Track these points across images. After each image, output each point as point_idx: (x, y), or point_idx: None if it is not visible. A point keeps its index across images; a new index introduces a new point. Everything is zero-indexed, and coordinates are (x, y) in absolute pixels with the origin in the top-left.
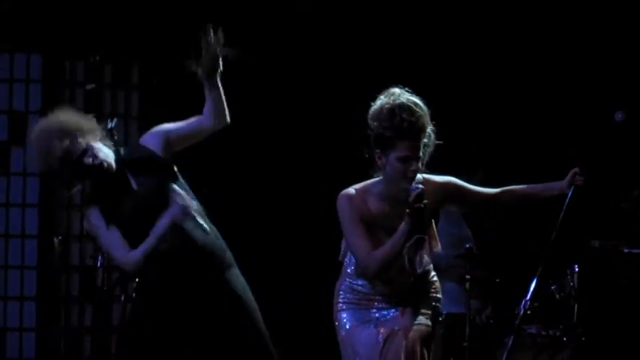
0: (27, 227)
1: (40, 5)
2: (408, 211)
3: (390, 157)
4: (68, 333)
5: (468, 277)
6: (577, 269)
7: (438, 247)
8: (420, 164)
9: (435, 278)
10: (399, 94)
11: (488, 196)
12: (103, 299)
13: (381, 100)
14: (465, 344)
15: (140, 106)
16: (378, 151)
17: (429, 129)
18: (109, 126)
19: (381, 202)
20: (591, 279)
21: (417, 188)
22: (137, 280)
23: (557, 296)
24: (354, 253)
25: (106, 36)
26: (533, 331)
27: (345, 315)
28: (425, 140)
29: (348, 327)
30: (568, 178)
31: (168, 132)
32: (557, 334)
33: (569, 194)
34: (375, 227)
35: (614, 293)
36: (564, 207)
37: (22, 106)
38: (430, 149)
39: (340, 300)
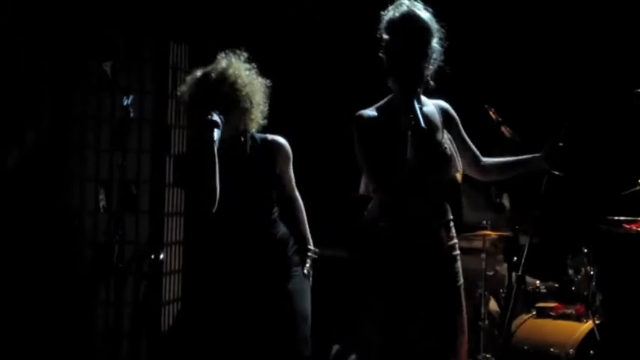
0: None
1: None
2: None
3: None
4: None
5: (483, 256)
6: (592, 250)
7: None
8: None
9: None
10: (406, 6)
11: (475, 152)
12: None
13: (389, 11)
14: (480, 324)
15: (154, 82)
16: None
17: (435, 43)
18: (125, 103)
19: (396, 115)
20: (606, 260)
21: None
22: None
23: (573, 277)
24: (370, 167)
25: (118, 8)
26: (551, 309)
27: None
28: (431, 55)
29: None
30: (543, 152)
31: (287, 174)
32: (573, 313)
33: (545, 180)
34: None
35: (628, 274)
36: (543, 189)
37: None
38: (434, 64)
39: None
